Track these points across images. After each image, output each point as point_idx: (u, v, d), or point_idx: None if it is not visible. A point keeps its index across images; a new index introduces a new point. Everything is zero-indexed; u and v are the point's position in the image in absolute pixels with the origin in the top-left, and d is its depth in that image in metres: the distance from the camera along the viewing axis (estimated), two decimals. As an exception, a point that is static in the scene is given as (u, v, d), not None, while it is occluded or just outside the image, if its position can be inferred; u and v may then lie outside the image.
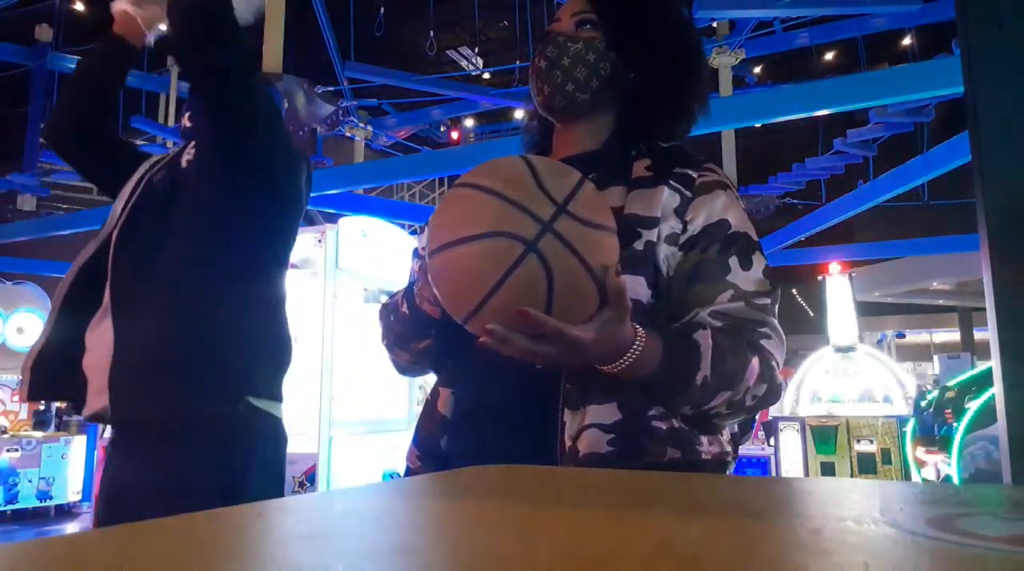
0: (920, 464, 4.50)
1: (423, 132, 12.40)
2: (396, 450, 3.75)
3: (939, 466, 4.22)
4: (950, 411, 4.11)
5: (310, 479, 3.32)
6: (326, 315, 3.48)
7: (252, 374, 1.31)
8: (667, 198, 0.90)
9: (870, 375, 5.83)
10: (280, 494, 1.40)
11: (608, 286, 0.74)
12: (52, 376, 1.33)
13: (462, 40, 13.35)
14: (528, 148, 1.13)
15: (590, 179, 0.78)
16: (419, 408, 1.02)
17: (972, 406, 3.79)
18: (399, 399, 4.07)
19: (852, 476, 5.33)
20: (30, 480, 6.10)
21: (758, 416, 1.25)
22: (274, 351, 1.38)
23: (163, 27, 1.49)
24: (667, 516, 0.43)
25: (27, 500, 6.09)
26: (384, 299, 1.07)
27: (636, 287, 0.85)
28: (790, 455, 5.60)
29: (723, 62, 7.81)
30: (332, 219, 4.18)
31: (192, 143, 1.46)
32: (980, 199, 1.06)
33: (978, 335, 13.26)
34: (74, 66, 1.59)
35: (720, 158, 7.54)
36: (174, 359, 1.26)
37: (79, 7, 10.12)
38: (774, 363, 0.87)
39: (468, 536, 0.38)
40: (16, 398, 6.66)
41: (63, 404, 7.01)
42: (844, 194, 6.67)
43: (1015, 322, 1.02)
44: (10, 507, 5.97)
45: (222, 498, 1.21)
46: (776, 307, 0.90)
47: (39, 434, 6.42)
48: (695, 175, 0.93)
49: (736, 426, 0.93)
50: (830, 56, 11.03)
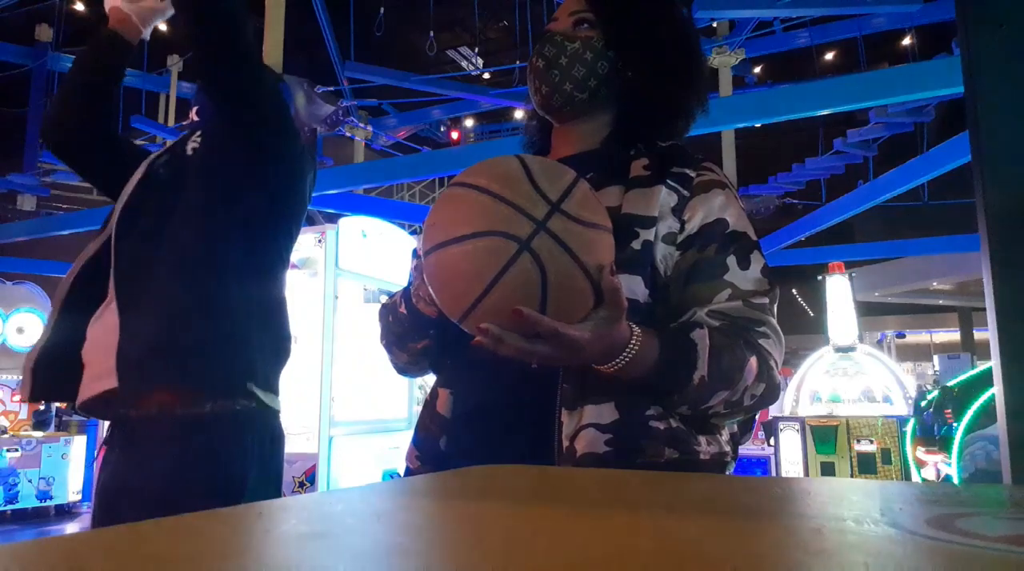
0: (920, 464, 4.50)
1: (423, 132, 12.41)
2: (396, 450, 3.75)
3: (939, 466, 4.22)
4: (950, 411, 4.10)
5: (310, 479, 3.32)
6: (326, 315, 3.49)
7: (253, 365, 1.31)
8: (665, 197, 0.90)
9: (870, 375, 5.82)
10: (278, 489, 1.40)
11: (603, 285, 0.74)
12: (54, 376, 1.32)
13: (462, 40, 13.35)
14: (527, 148, 1.12)
15: (588, 179, 0.78)
16: (419, 408, 1.02)
17: (972, 406, 3.78)
18: (399, 399, 4.08)
19: (852, 476, 5.33)
20: (30, 480, 6.10)
21: (758, 416, 1.25)
22: (275, 345, 1.38)
23: (158, 21, 1.48)
24: (666, 516, 0.43)
25: (27, 500, 6.09)
26: (384, 299, 1.07)
27: (633, 287, 0.85)
28: (790, 455, 5.60)
29: (723, 62, 7.82)
30: (332, 219, 4.19)
31: (197, 132, 1.44)
32: (980, 199, 1.06)
33: (978, 335, 13.27)
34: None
35: (720, 158, 7.55)
36: (180, 344, 1.25)
37: (79, 7, 10.13)
38: (772, 362, 0.86)
39: (468, 536, 0.38)
40: (16, 398, 6.66)
41: (63, 404, 7.00)
42: (844, 194, 6.68)
43: (1015, 322, 1.02)
44: (10, 507, 5.97)
45: (220, 493, 1.20)
46: (775, 306, 0.90)
47: (39, 434, 6.42)
48: (693, 174, 0.92)
49: (736, 426, 0.93)
50: (830, 56, 11.04)
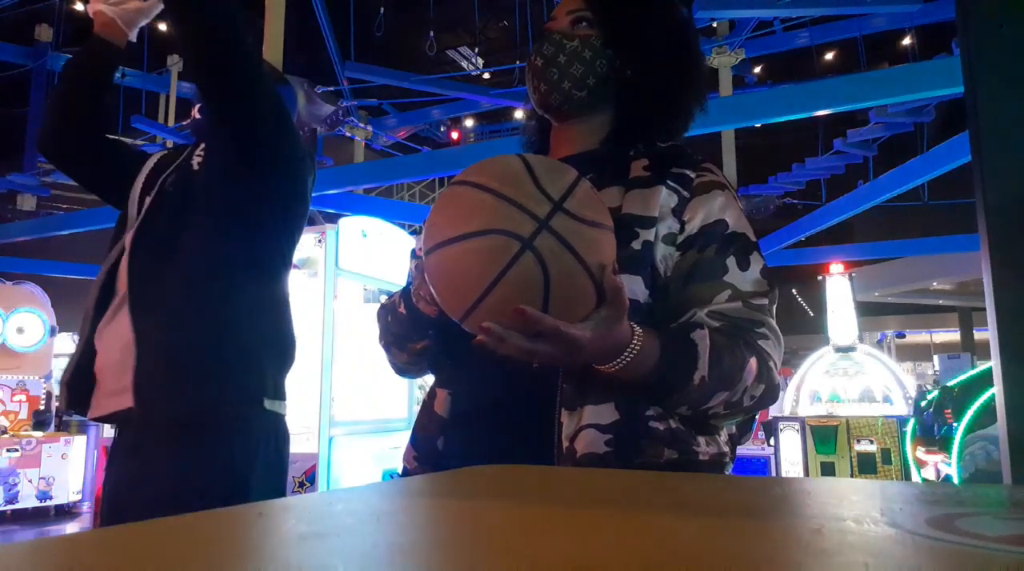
0: (920, 464, 4.50)
1: (423, 132, 12.40)
2: (396, 450, 3.74)
3: (939, 466, 4.22)
4: (950, 411, 4.10)
5: (310, 479, 3.32)
6: (326, 315, 3.49)
7: (264, 378, 1.32)
8: (665, 198, 0.90)
9: (870, 375, 5.83)
10: (283, 492, 1.41)
11: (605, 284, 0.73)
12: (81, 389, 1.34)
13: (462, 40, 13.34)
14: (526, 148, 1.12)
15: (588, 179, 0.78)
16: (419, 408, 1.02)
17: (972, 406, 3.78)
18: (399, 399, 4.07)
19: (852, 476, 5.33)
20: (30, 480, 6.10)
21: (758, 416, 1.25)
22: (282, 349, 1.39)
23: (144, 22, 1.48)
24: (666, 516, 0.43)
25: (27, 500, 6.09)
26: (383, 299, 1.07)
27: (634, 287, 0.85)
28: (790, 455, 5.60)
29: (723, 62, 7.81)
30: (332, 219, 4.18)
31: (202, 146, 1.46)
32: (980, 199, 1.06)
33: (978, 335, 13.26)
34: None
35: (720, 158, 7.54)
36: (196, 359, 1.26)
37: (79, 7, 10.11)
38: (771, 363, 0.86)
39: (468, 536, 0.38)
40: (16, 398, 6.65)
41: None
42: (844, 194, 6.67)
43: (1015, 322, 1.02)
44: (10, 507, 5.97)
45: (228, 497, 1.21)
46: (774, 308, 0.90)
47: (39, 434, 6.42)
48: (693, 175, 0.92)
49: (734, 427, 0.93)
50: (830, 56, 11.03)
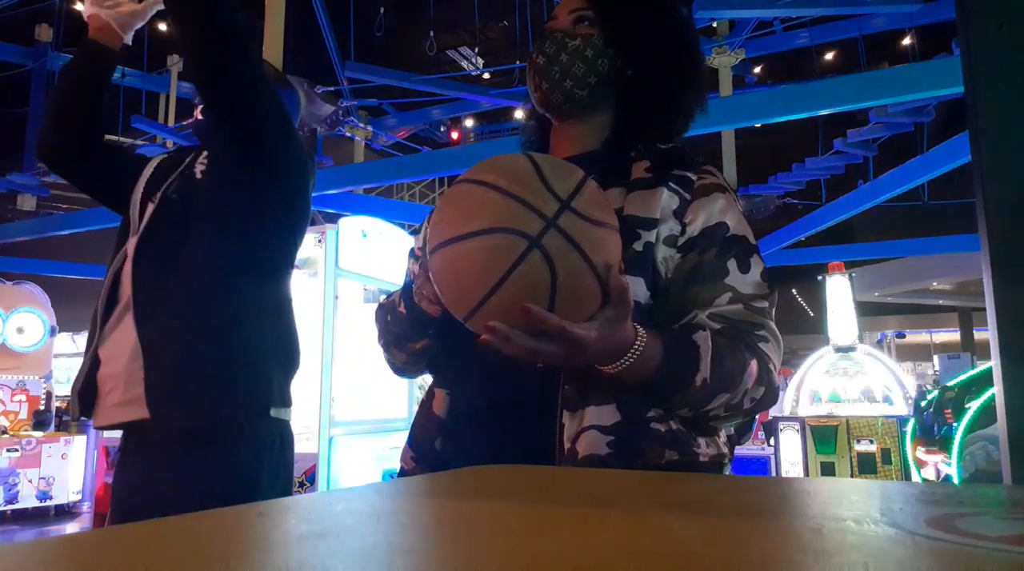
0: (920, 464, 4.49)
1: (423, 132, 12.39)
2: (396, 450, 3.71)
3: (939, 466, 4.22)
4: (950, 411, 4.10)
5: (310, 479, 3.32)
6: (326, 315, 3.49)
7: (271, 380, 1.32)
8: (666, 200, 0.90)
9: (870, 375, 5.82)
10: (289, 494, 1.41)
11: (611, 285, 0.73)
12: (90, 397, 1.35)
13: (462, 40, 13.33)
14: (526, 148, 1.12)
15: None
16: (417, 408, 1.02)
17: (972, 406, 3.78)
18: (399, 399, 4.07)
19: (852, 476, 5.33)
20: (30, 480, 6.10)
21: (757, 417, 1.25)
22: (287, 355, 1.39)
23: (139, 25, 1.48)
24: (666, 516, 0.43)
25: (27, 500, 6.09)
26: (383, 299, 1.07)
27: (635, 288, 0.85)
28: (790, 455, 5.60)
29: (723, 62, 7.81)
30: (332, 219, 4.18)
31: (205, 153, 1.46)
32: (980, 199, 1.06)
33: (978, 335, 13.27)
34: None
35: (720, 158, 7.54)
36: (204, 366, 1.27)
37: (79, 7, 10.12)
38: (771, 366, 0.87)
39: (468, 536, 0.38)
40: (16, 398, 6.65)
41: (65, 405, 7.01)
42: (844, 194, 6.67)
43: (1015, 322, 1.02)
44: (10, 507, 5.97)
45: (235, 502, 1.21)
46: (774, 310, 0.90)
47: (39, 434, 6.41)
48: (694, 177, 0.93)
49: (733, 428, 0.93)
50: (830, 56, 11.02)
